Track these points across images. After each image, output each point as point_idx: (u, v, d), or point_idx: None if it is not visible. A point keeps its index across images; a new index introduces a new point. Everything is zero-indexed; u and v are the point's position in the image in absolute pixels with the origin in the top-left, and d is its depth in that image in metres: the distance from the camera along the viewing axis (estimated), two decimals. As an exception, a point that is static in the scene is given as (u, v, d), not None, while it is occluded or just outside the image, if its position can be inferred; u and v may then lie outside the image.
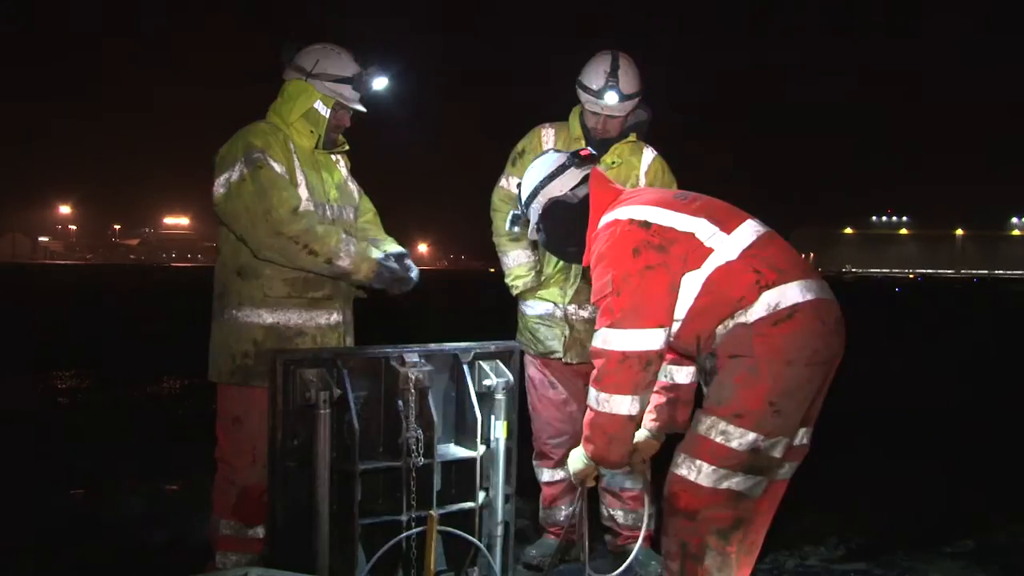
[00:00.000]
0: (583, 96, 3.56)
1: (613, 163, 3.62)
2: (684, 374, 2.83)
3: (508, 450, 3.08)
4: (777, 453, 2.41)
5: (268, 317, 3.13)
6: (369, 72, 3.31)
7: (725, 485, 2.39)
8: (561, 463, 3.54)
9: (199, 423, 4.96)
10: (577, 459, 2.78)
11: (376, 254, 3.19)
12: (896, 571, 3.64)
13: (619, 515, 3.62)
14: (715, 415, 2.41)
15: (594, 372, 2.57)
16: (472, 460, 2.99)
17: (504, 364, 3.07)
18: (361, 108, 3.34)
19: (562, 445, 3.56)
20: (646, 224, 2.54)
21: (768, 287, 2.40)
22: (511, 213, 3.20)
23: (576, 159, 2.84)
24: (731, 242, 2.49)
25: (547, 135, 3.71)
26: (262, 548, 3.19)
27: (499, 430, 3.01)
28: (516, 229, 3.39)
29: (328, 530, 2.73)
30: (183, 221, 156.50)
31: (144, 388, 8.92)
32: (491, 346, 3.08)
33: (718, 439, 2.38)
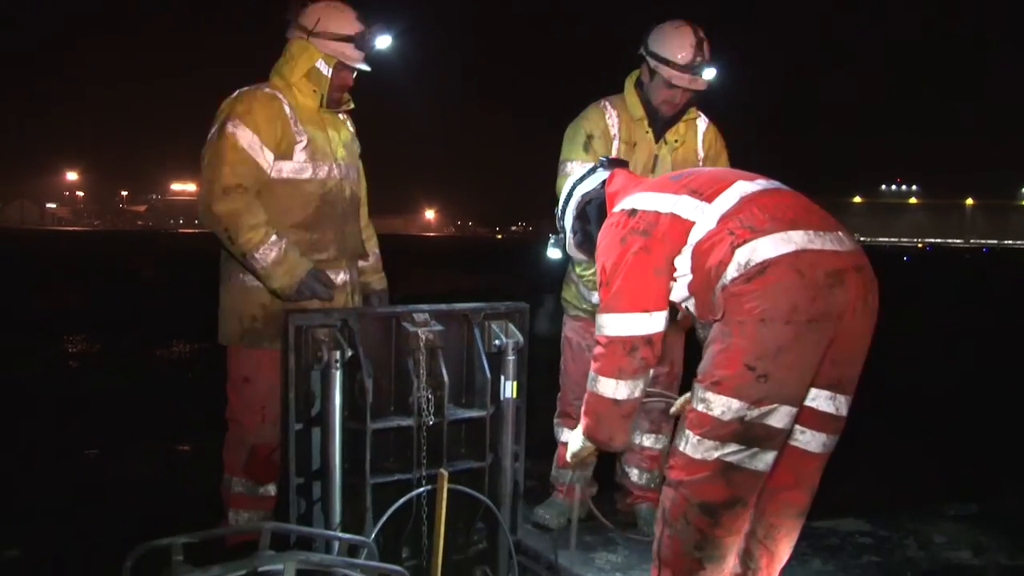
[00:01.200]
0: (665, 70, 3.41)
1: (676, 141, 3.59)
2: None
3: (517, 410, 3.09)
4: (775, 422, 2.24)
5: None
6: (372, 31, 3.26)
7: (715, 456, 2.27)
8: None
9: (209, 386, 4.99)
10: (576, 435, 2.78)
11: (302, 271, 3.09)
12: (900, 533, 3.67)
13: (634, 472, 3.64)
14: (698, 384, 2.34)
15: None
16: (482, 419, 3.01)
17: (514, 325, 3.08)
18: (364, 67, 3.30)
19: None
20: (633, 212, 2.53)
21: (741, 246, 2.27)
22: (551, 238, 3.13)
23: (606, 162, 2.89)
24: (711, 210, 2.40)
25: (610, 115, 3.59)
26: (274, 506, 3.24)
27: (509, 390, 3.01)
28: (557, 253, 3.18)
29: (340, 488, 2.75)
30: (190, 187, 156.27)
31: (154, 352, 8.98)
32: (501, 307, 3.08)
33: (700, 408, 2.30)
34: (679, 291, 2.46)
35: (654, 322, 2.48)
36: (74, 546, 3.40)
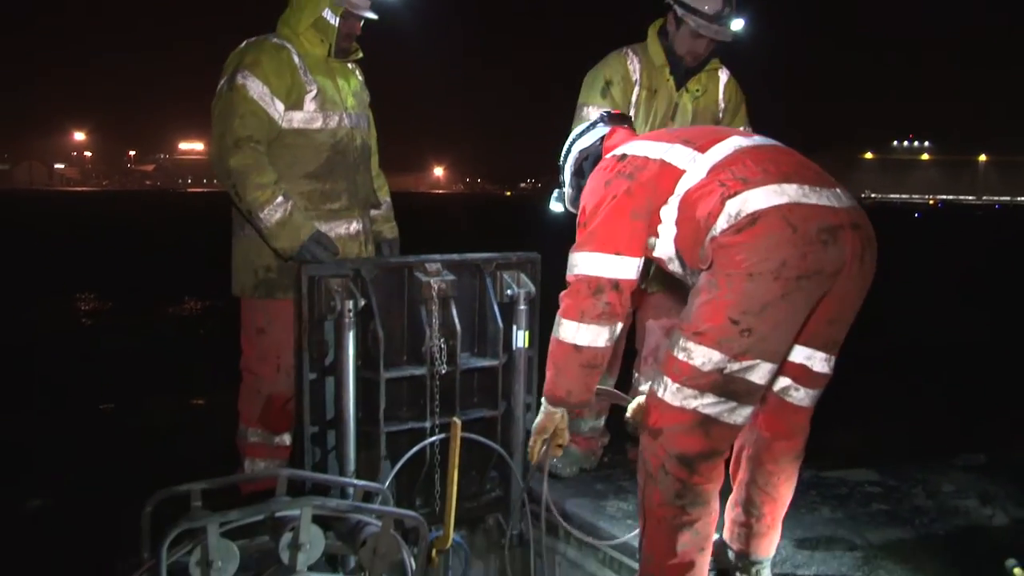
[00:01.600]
0: (692, 19, 3.36)
1: (698, 91, 3.56)
2: None
3: (529, 360, 3.11)
4: (756, 378, 2.21)
5: None
6: None
7: (692, 405, 2.23)
8: None
9: (221, 342, 5.03)
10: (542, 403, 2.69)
11: (305, 234, 3.07)
12: (910, 483, 3.69)
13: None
14: (680, 331, 2.28)
15: None
16: (494, 369, 3.03)
17: (526, 274, 3.08)
18: (371, 15, 3.26)
19: None
20: (622, 156, 2.49)
21: (732, 197, 2.21)
22: (555, 191, 3.09)
23: (607, 117, 2.83)
24: (703, 160, 2.34)
25: (631, 61, 3.54)
26: (289, 455, 3.28)
27: (521, 340, 3.03)
28: (560, 207, 3.11)
29: (354, 436, 2.79)
30: (198, 146, 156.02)
31: (165, 309, 9.04)
32: (513, 257, 3.09)
33: (680, 356, 2.25)
34: (665, 248, 2.42)
35: (624, 266, 2.42)
36: (94, 495, 3.46)
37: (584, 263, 2.44)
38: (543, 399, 2.65)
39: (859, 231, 2.24)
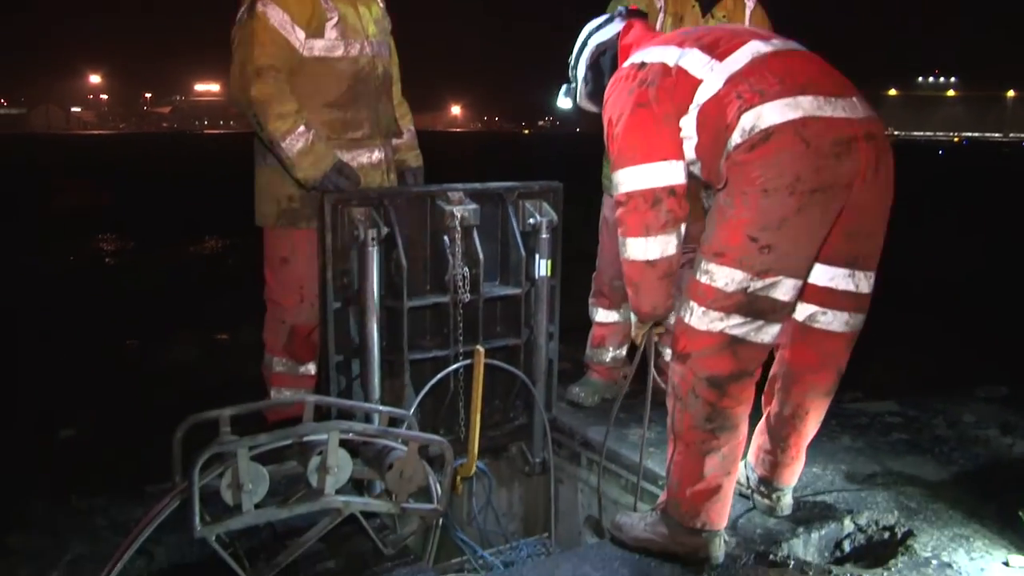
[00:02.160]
0: None
1: (724, 17, 3.49)
2: None
3: (552, 288, 3.12)
4: (780, 295, 2.21)
5: None
6: None
7: (719, 327, 2.23)
8: (615, 305, 3.58)
9: (242, 278, 5.07)
10: (632, 319, 2.70)
11: (327, 164, 3.05)
12: (929, 413, 3.69)
13: (668, 353, 3.66)
14: (701, 255, 2.28)
15: None
16: (517, 297, 3.05)
17: (548, 203, 3.08)
18: None
19: (620, 289, 3.57)
20: (642, 65, 2.43)
21: (747, 110, 2.18)
22: (563, 86, 3.02)
23: (624, 12, 2.76)
24: (720, 69, 2.28)
25: None
26: (314, 384, 3.32)
27: (543, 268, 3.04)
28: (568, 103, 3.05)
29: (378, 364, 2.81)
30: (214, 88, 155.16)
31: (187, 248, 9.09)
32: (535, 185, 3.08)
33: (703, 279, 2.25)
34: (686, 153, 2.38)
35: (674, 171, 2.37)
36: (124, 425, 3.53)
37: (633, 178, 2.39)
38: (631, 315, 2.66)
39: (874, 141, 2.21)
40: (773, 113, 2.15)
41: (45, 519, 2.68)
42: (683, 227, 2.44)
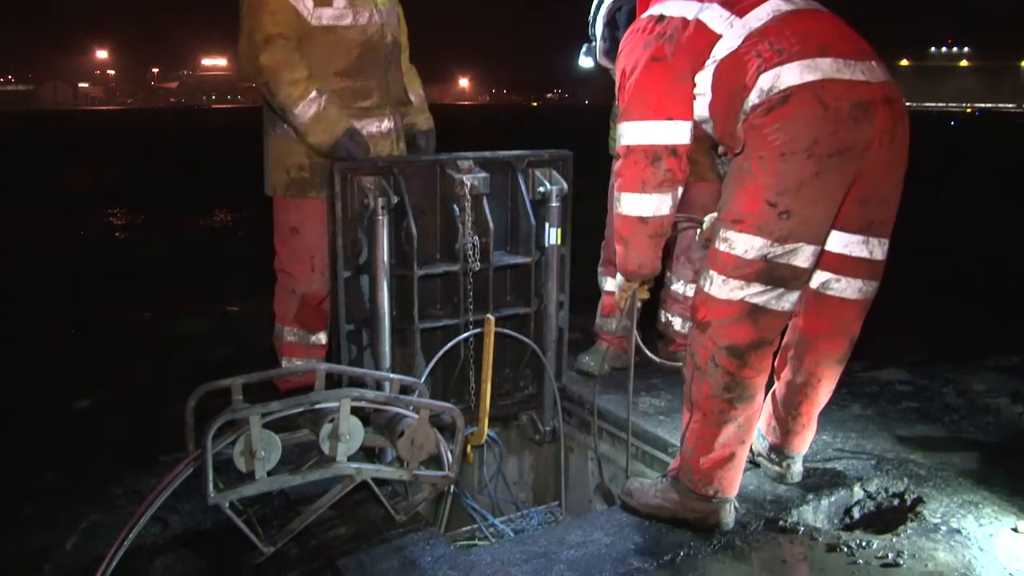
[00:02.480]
0: None
1: None
2: None
3: (562, 257, 3.12)
4: (800, 261, 2.19)
5: None
6: None
7: (740, 296, 2.22)
8: None
9: (252, 250, 5.08)
10: (617, 279, 2.70)
11: (340, 129, 3.05)
12: (940, 382, 3.69)
13: (677, 322, 3.66)
14: (719, 222, 2.26)
15: None
16: (527, 266, 3.05)
17: (558, 172, 3.06)
18: None
19: None
20: (661, 18, 2.38)
21: (767, 71, 2.14)
22: (583, 46, 3.01)
23: None
24: (740, 25, 2.24)
25: None
26: (325, 354, 3.34)
27: (553, 237, 3.03)
28: (589, 62, 3.05)
29: (389, 333, 2.82)
30: (221, 62, 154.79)
31: (196, 221, 9.10)
32: (545, 154, 3.06)
33: (722, 247, 2.23)
34: (699, 110, 2.35)
35: (679, 131, 2.33)
36: (138, 396, 3.55)
37: (636, 132, 2.35)
38: (617, 273, 2.63)
39: (891, 106, 2.19)
40: (792, 74, 2.13)
41: (61, 488, 2.71)
42: (679, 190, 2.41)
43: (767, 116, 2.13)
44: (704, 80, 2.29)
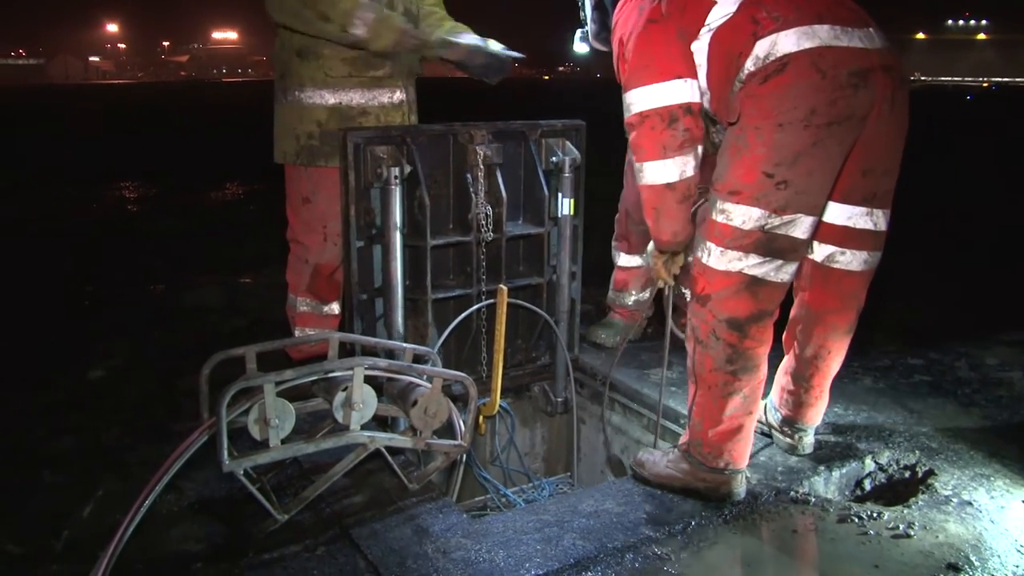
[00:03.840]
0: None
1: None
2: None
3: (575, 228, 3.11)
4: (798, 232, 2.17)
5: (330, 98, 3.12)
6: None
7: (738, 267, 2.20)
8: (637, 249, 3.57)
9: (264, 223, 5.08)
10: (649, 249, 2.68)
11: (400, 21, 3.02)
12: (952, 356, 3.68)
13: (689, 293, 3.65)
14: (715, 193, 2.22)
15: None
16: (540, 236, 3.04)
17: (571, 142, 3.05)
18: None
19: (643, 233, 3.55)
20: None
21: (763, 38, 2.10)
22: (577, 31, 2.99)
23: None
24: None
25: None
26: (338, 323, 3.35)
27: (566, 207, 3.02)
28: (585, 47, 3.02)
29: (402, 303, 2.82)
30: (231, 35, 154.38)
31: (208, 194, 9.11)
32: (558, 124, 3.05)
33: (719, 219, 2.20)
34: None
35: (690, 88, 2.26)
36: (152, 366, 3.57)
37: (647, 97, 2.29)
38: (650, 246, 2.61)
39: (890, 73, 2.16)
40: (789, 41, 2.09)
41: (76, 456, 2.73)
42: (700, 149, 2.35)
43: (764, 85, 2.10)
44: (700, 50, 2.25)
